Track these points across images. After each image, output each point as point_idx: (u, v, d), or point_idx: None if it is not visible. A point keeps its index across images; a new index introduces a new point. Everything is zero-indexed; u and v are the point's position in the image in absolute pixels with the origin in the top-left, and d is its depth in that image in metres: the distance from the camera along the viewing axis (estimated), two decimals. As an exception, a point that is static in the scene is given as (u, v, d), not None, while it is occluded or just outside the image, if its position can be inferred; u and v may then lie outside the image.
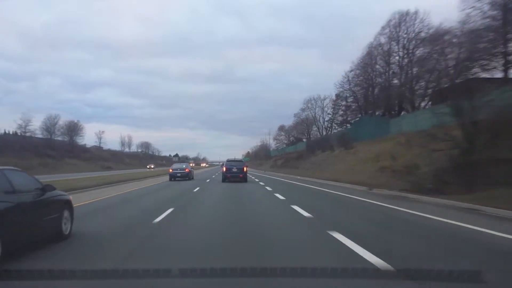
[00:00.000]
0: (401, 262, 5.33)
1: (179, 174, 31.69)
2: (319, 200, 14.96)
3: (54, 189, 6.91)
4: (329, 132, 66.41)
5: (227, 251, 6.08)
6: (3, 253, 4.91)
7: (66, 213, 7.03)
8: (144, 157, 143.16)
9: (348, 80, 48.07)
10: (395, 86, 38.64)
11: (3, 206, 5.12)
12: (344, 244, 6.26)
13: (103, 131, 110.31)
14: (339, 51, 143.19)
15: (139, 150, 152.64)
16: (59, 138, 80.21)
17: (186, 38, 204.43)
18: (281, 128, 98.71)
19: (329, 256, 5.81)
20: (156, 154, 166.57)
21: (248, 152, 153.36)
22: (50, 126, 76.50)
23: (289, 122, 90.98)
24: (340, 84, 49.68)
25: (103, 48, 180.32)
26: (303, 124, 76.72)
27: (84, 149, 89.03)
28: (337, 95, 70.36)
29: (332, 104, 69.59)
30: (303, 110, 75.15)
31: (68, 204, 7.31)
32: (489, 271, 4.91)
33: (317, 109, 71.57)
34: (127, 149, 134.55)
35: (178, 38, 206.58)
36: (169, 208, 11.18)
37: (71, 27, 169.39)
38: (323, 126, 69.38)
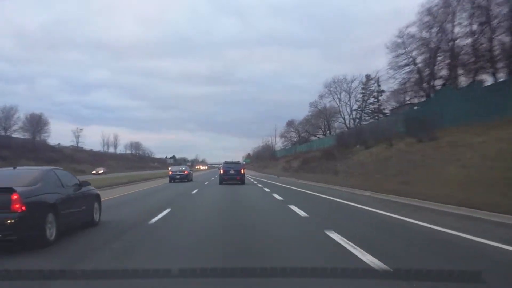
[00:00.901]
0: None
1: (178, 176, 34.08)
2: None
3: (89, 184, 9.15)
4: (358, 124, 52.42)
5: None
6: (57, 234, 6.83)
7: (96, 205, 9.04)
8: (133, 158, 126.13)
9: (404, 42, 32.68)
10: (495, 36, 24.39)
11: (57, 197, 7.21)
12: None
13: (81, 129, 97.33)
14: (340, 52, 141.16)
15: (130, 151, 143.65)
16: (19, 135, 69.10)
17: (186, 39, 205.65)
18: (290, 123, 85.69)
19: None
20: (148, 155, 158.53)
21: (249, 154, 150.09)
22: (3, 120, 60.03)
23: (287, 122, 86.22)
24: (393, 47, 33.60)
25: (102, 49, 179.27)
26: (322, 116, 59.30)
27: (53, 148, 77.49)
28: (368, 76, 52.13)
29: (362, 88, 55.91)
30: (321, 97, 61.19)
31: (97, 197, 9.42)
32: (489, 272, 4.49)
33: (342, 93, 57.30)
34: (112, 150, 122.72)
35: (177, 39, 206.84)
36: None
37: (69, 28, 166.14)
38: (351, 117, 51.24)
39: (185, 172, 35.12)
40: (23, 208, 6.37)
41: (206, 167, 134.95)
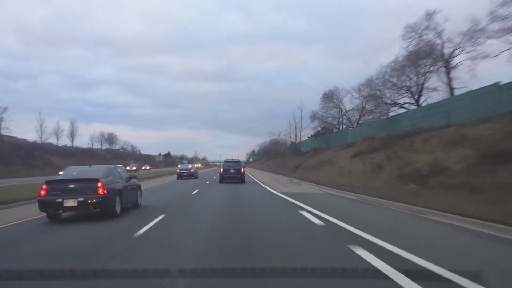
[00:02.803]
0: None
1: (185, 174, 43.43)
2: None
3: (135, 178, 16.83)
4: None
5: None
6: (120, 210, 12.97)
7: (139, 192, 16.13)
8: (105, 154, 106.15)
9: None
10: None
11: (120, 185, 13.37)
12: None
13: (5, 108, 73.53)
14: (347, 48, 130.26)
15: (100, 145, 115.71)
16: None
17: (189, 35, 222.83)
18: (328, 97, 55.34)
19: None
20: (137, 151, 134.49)
21: (253, 151, 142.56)
22: None
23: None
24: None
25: (104, 45, 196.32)
26: (429, 56, 34.03)
27: None
28: None
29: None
30: (430, 15, 33.40)
31: (140, 187, 16.46)
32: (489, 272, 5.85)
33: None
34: (67, 142, 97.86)
35: (181, 35, 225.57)
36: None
37: (70, 23, 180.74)
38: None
39: (192, 170, 45.10)
40: (105, 192, 11.73)
41: (199, 165, 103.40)
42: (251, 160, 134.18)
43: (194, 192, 22.99)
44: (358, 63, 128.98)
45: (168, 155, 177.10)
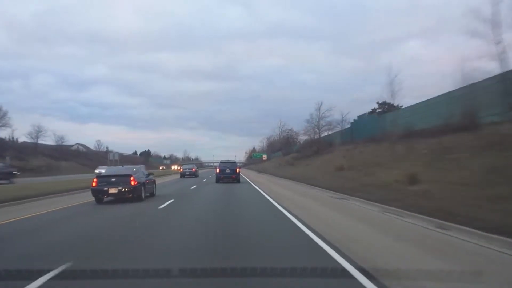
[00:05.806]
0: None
1: (187, 173, 53.10)
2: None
3: (152, 174, 25.68)
4: None
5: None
6: (144, 197, 20.83)
7: (154, 185, 24.85)
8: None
9: None
10: None
11: (144, 179, 21.40)
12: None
13: None
14: (351, 45, 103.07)
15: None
16: None
17: (187, 32, 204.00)
18: None
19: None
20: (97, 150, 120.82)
21: (254, 149, 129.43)
22: None
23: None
24: None
25: (97, 43, 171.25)
26: None
27: None
28: None
29: None
30: None
31: (155, 181, 24.97)
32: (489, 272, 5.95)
33: None
34: None
35: (178, 31, 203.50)
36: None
37: (63, 20, 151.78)
38: None
39: (193, 170, 54.76)
40: (135, 183, 19.52)
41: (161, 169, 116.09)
42: (264, 157, 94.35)
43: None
44: (362, 61, 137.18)
45: (147, 153, 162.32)
